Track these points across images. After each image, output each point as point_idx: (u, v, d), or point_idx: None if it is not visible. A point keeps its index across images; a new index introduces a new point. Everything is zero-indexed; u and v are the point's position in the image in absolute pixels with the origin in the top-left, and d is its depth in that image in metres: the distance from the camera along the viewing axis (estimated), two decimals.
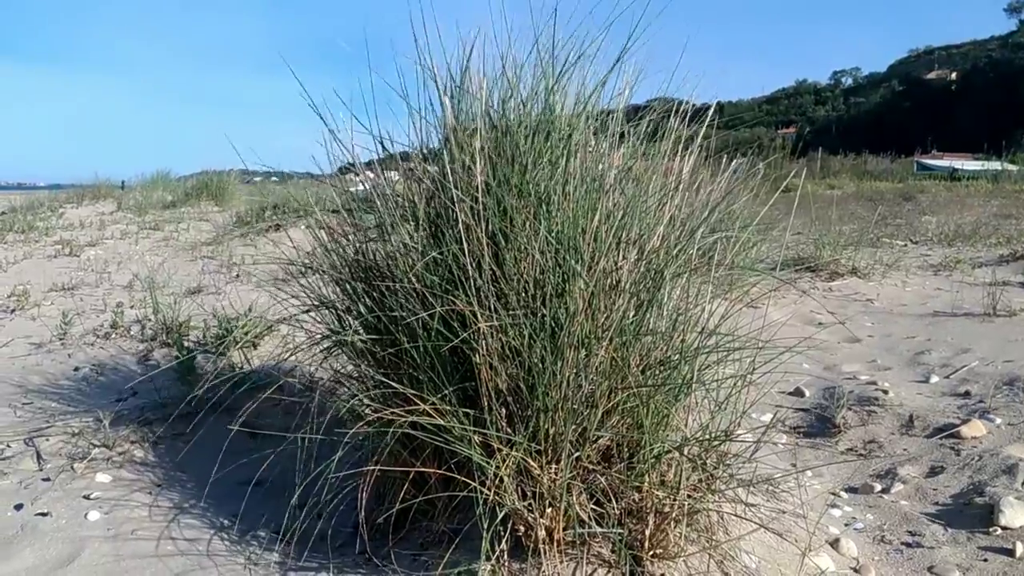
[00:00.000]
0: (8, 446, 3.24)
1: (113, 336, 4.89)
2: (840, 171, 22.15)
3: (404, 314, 2.27)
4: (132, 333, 4.95)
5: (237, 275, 6.90)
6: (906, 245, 8.83)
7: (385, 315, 2.29)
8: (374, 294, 2.51)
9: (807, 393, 3.91)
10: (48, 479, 2.97)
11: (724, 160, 2.74)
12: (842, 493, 2.93)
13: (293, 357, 3.72)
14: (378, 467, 2.19)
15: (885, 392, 3.72)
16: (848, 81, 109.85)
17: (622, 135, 2.49)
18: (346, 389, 2.79)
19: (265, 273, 6.70)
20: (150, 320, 5.04)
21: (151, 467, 3.09)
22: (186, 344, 4.39)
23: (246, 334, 4.32)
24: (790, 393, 3.93)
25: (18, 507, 2.78)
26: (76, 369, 4.35)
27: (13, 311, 5.91)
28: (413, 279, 2.26)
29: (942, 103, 70.17)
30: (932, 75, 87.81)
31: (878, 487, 2.92)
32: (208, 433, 3.29)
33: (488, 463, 1.99)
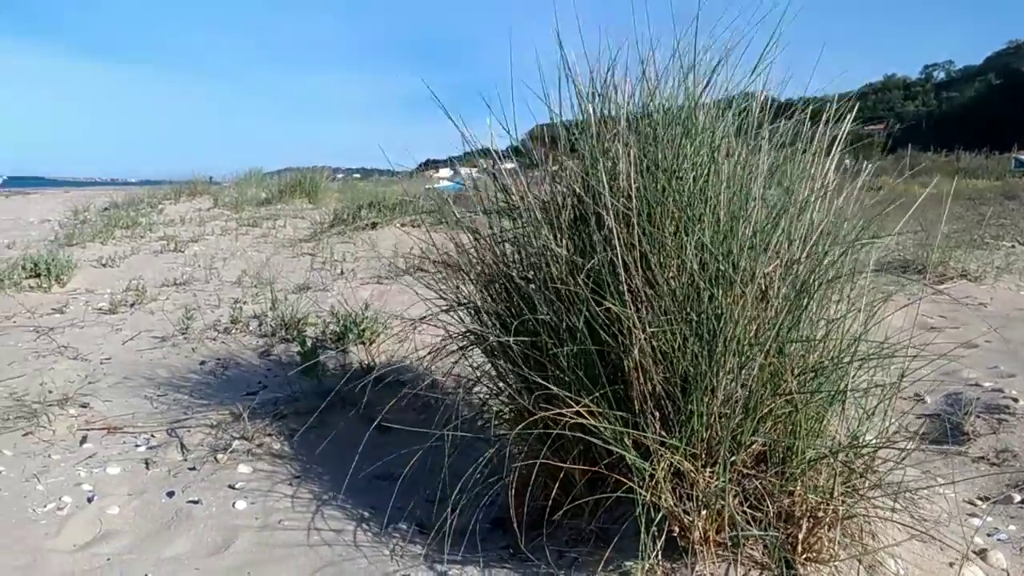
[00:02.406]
0: (152, 436, 3.40)
1: (233, 331, 5.07)
2: (931, 168, 21.52)
3: (550, 317, 2.32)
4: (251, 328, 5.13)
5: (341, 272, 7.07)
6: (1013, 247, 8.55)
7: (535, 318, 2.34)
8: (515, 296, 2.56)
9: (928, 400, 3.84)
10: (194, 468, 3.11)
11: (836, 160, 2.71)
12: (979, 503, 2.88)
13: (414, 355, 3.82)
14: (539, 461, 2.23)
15: (1015, 400, 3.62)
16: (940, 75, 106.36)
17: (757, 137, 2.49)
18: (486, 388, 2.85)
19: (368, 272, 6.86)
20: (267, 316, 5.21)
21: (288, 459, 3.21)
22: (303, 341, 4.54)
23: (363, 331, 4.43)
24: (910, 398, 3.86)
25: (170, 494, 2.92)
26: (202, 363, 4.53)
27: (132, 305, 6.17)
28: (558, 283, 2.31)
29: None
30: None
31: (1017, 498, 2.86)
32: (338, 427, 3.40)
33: (645, 465, 2.02)
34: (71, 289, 7.08)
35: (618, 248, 2.14)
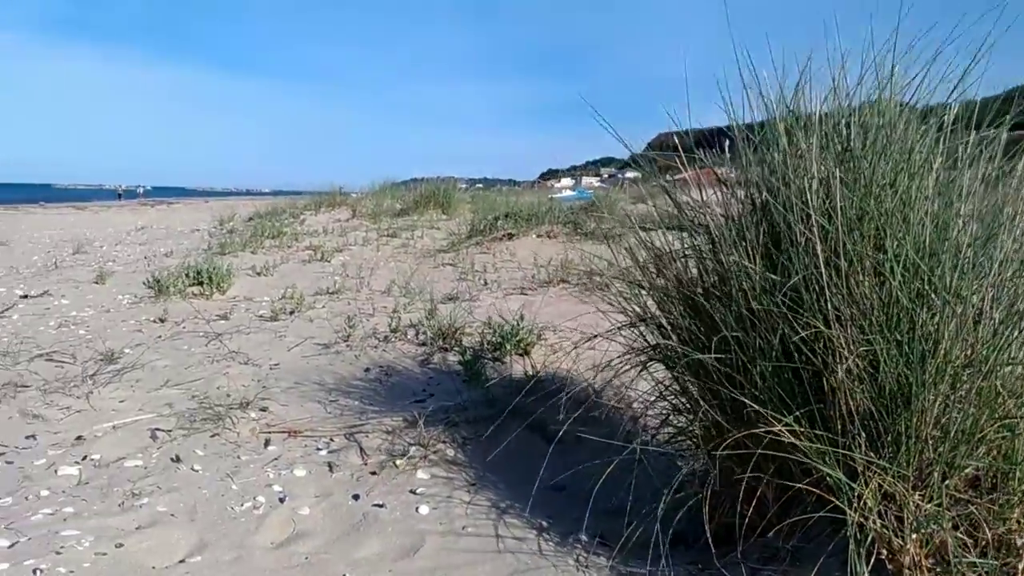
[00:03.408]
0: (332, 440, 3.56)
1: (392, 339, 5.24)
2: None
3: (740, 334, 2.31)
4: (408, 337, 5.29)
5: (485, 283, 7.20)
6: None
7: (730, 335, 2.34)
8: (702, 312, 2.56)
9: None
10: (375, 473, 3.23)
11: None
12: None
13: (575, 366, 3.86)
14: (744, 477, 2.23)
15: None
16: None
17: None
18: (669, 404, 2.86)
19: (511, 283, 6.96)
20: (423, 325, 5.35)
21: (463, 466, 3.30)
22: (463, 350, 4.66)
23: (520, 342, 4.51)
24: None
25: (355, 497, 3.05)
26: (366, 370, 4.70)
27: (292, 313, 6.45)
28: (751, 300, 2.30)
29: None
30: None
31: None
32: (507, 436, 3.47)
33: (852, 485, 2.00)
34: (231, 296, 7.46)
35: (821, 266, 2.12)
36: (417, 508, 2.95)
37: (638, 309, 2.84)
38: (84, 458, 3.48)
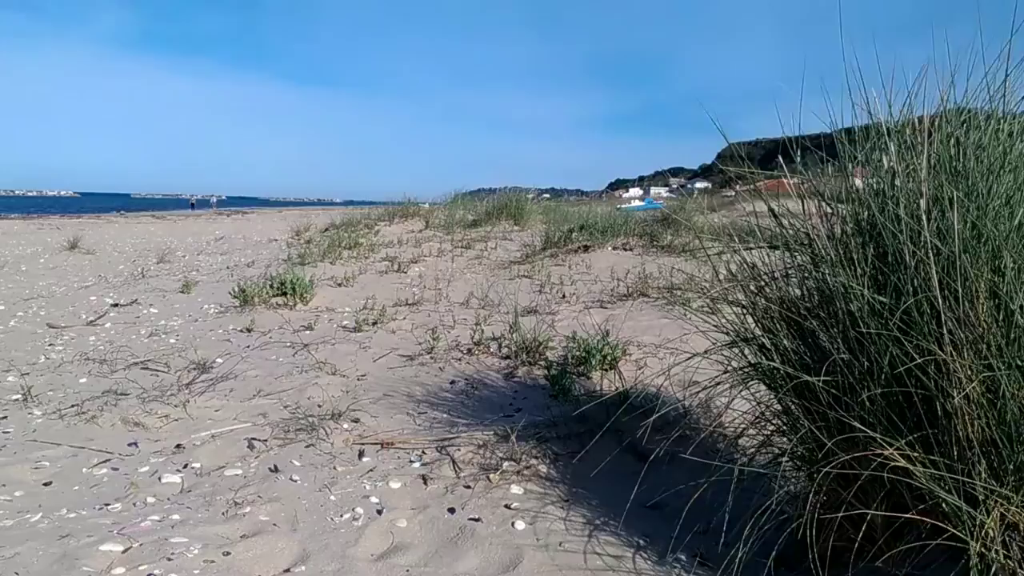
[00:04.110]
0: (423, 452, 3.60)
1: (475, 352, 5.28)
2: None
3: (847, 356, 2.28)
4: (491, 350, 5.32)
5: (563, 296, 7.20)
6: None
7: (838, 357, 2.30)
8: (805, 332, 2.53)
9: None
10: (469, 487, 3.26)
11: None
12: None
13: (665, 382, 3.83)
14: (848, 503, 2.19)
15: None
16: None
17: None
18: (769, 423, 2.83)
19: (589, 296, 6.95)
20: (505, 338, 5.38)
21: (555, 482, 3.31)
22: (549, 364, 4.67)
23: (605, 357, 4.50)
24: None
25: (451, 511, 3.08)
26: (452, 382, 4.75)
27: (374, 324, 6.55)
28: (859, 323, 2.26)
29: None
30: None
31: None
32: (598, 452, 3.47)
33: (973, 513, 1.95)
34: (313, 307, 7.61)
35: (935, 288, 2.08)
36: (513, 523, 2.97)
37: (734, 327, 2.81)
38: (185, 466, 3.59)
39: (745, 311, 2.85)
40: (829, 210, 2.67)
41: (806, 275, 2.63)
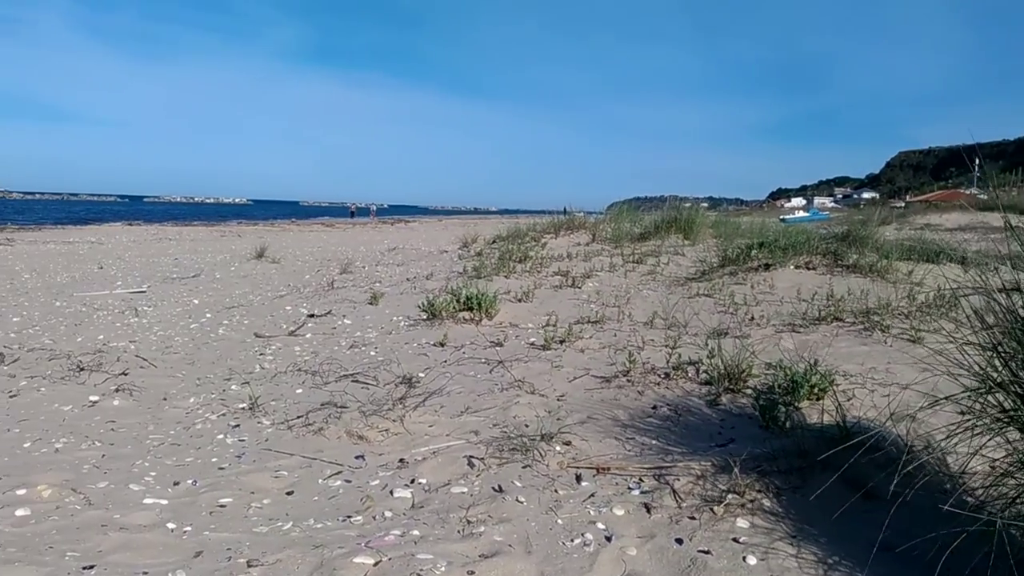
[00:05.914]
0: (641, 480, 3.66)
1: (674, 376, 5.30)
2: None
3: None
4: (689, 375, 5.33)
5: (752, 317, 7.10)
6: None
7: None
8: None
9: None
10: (693, 517, 3.30)
11: None
12: None
13: (883, 416, 3.74)
14: None
15: None
16: None
17: None
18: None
19: (777, 318, 6.83)
20: (704, 363, 5.38)
21: (780, 517, 3.30)
22: (752, 392, 4.64)
23: (814, 388, 4.44)
24: None
25: (679, 541, 3.13)
26: (654, 407, 4.79)
27: (562, 342, 6.67)
28: None
29: None
30: None
31: None
32: (818, 486, 3.42)
33: None
34: (497, 322, 7.83)
35: None
36: (744, 557, 2.99)
37: (979, 368, 2.73)
38: (412, 481, 3.80)
39: (995, 354, 2.77)
40: None
41: None
